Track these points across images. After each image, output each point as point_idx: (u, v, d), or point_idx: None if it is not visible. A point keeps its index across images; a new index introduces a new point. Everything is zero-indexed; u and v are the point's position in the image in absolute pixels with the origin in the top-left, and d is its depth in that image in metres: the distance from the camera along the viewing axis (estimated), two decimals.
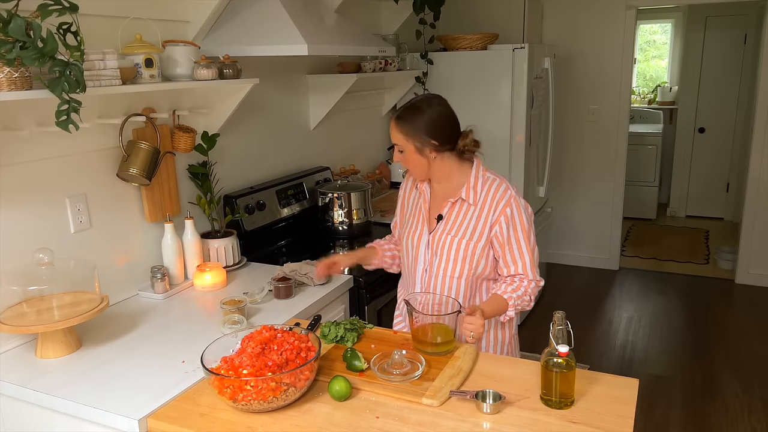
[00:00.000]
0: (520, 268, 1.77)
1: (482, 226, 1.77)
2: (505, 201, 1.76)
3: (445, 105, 1.79)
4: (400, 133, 1.76)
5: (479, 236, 1.77)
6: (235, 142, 2.60)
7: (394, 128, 1.77)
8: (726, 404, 3.09)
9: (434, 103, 1.78)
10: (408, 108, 1.77)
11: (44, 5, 1.42)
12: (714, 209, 6.36)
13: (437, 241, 1.82)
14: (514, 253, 1.77)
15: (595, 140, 4.87)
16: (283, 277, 2.07)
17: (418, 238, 1.87)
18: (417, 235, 1.87)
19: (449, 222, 1.81)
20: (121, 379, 1.54)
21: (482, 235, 1.77)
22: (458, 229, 1.79)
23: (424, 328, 1.63)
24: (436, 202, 1.86)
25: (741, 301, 4.43)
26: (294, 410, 1.38)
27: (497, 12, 4.37)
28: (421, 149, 1.75)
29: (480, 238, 1.77)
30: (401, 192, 2.02)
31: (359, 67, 3.27)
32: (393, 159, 1.86)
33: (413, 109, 1.76)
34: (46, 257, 1.70)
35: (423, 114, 1.75)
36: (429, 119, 1.74)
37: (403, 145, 1.77)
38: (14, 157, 1.71)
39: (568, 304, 4.35)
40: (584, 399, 1.39)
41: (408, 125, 1.75)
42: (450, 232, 1.80)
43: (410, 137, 1.74)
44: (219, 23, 2.33)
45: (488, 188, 1.79)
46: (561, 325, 1.36)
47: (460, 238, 1.79)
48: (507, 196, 1.76)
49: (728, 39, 5.96)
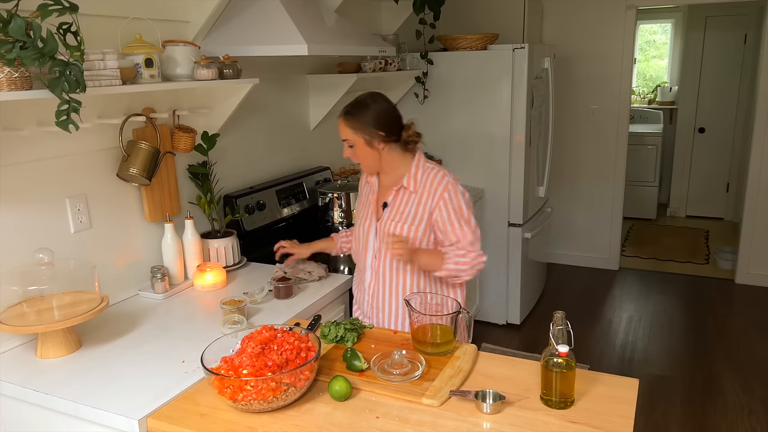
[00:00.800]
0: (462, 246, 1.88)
1: (422, 211, 1.90)
2: (442, 187, 1.89)
3: (387, 101, 1.94)
4: (349, 129, 1.89)
5: (419, 221, 1.91)
6: (235, 142, 2.60)
7: (343, 124, 1.90)
8: (726, 404, 3.09)
9: (378, 99, 1.92)
10: (355, 105, 1.90)
11: (44, 5, 1.42)
12: (714, 209, 6.37)
13: (383, 228, 1.95)
14: (457, 232, 1.89)
15: (595, 140, 4.87)
16: (282, 277, 2.08)
17: (367, 227, 2.00)
18: (366, 224, 2.01)
19: (393, 209, 1.95)
20: (121, 379, 1.54)
21: (422, 220, 1.91)
22: (401, 216, 1.93)
23: (424, 328, 1.63)
24: (383, 192, 2.00)
25: (741, 301, 4.43)
26: (294, 410, 1.38)
27: (497, 12, 4.37)
28: (370, 141, 1.89)
29: (420, 223, 1.91)
30: (359, 187, 2.16)
31: (359, 67, 3.27)
32: (343, 154, 1.95)
33: (360, 105, 1.90)
34: (46, 257, 1.70)
35: (369, 109, 1.89)
36: (375, 113, 1.88)
37: (353, 140, 1.89)
38: (14, 157, 1.71)
39: (568, 304, 4.35)
40: (584, 399, 1.39)
41: (356, 120, 1.88)
42: (394, 218, 1.94)
43: (359, 131, 1.88)
44: (219, 23, 2.33)
45: (427, 176, 1.92)
46: (561, 325, 1.36)
47: (402, 223, 1.92)
48: (444, 182, 1.90)
49: (728, 39, 5.96)
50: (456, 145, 3.87)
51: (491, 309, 4.03)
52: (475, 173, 3.86)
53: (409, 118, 2.02)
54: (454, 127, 3.86)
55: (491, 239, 3.89)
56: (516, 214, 3.81)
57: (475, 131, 3.80)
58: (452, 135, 3.87)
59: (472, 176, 3.87)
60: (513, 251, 3.86)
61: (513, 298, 3.95)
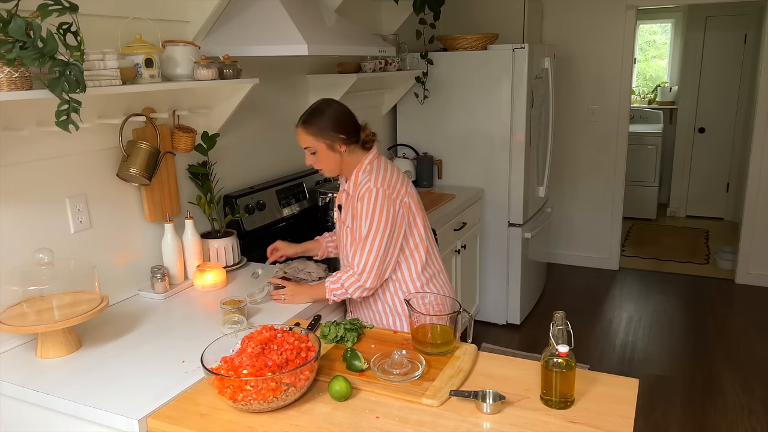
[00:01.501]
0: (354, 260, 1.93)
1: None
2: (363, 190, 1.91)
3: (341, 104, 1.98)
4: (309, 135, 1.92)
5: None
6: (235, 142, 2.60)
7: (303, 133, 1.93)
8: (726, 404, 3.09)
9: (333, 104, 1.96)
10: (311, 113, 1.93)
11: (44, 5, 1.42)
12: (714, 209, 6.37)
13: (339, 231, 2.07)
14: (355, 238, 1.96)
15: (595, 140, 4.87)
16: (282, 277, 2.08)
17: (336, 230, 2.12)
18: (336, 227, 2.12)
19: (344, 212, 2.02)
20: (121, 379, 1.54)
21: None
22: (348, 218, 2.00)
23: (424, 328, 1.63)
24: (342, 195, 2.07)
25: (741, 301, 4.43)
26: (294, 410, 1.38)
27: (497, 12, 4.37)
28: (332, 145, 1.92)
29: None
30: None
31: (359, 67, 3.27)
32: (306, 161, 1.99)
33: (316, 112, 1.93)
34: (46, 257, 1.70)
35: (325, 114, 1.93)
36: (333, 117, 1.92)
37: (315, 146, 1.93)
38: (14, 157, 1.71)
39: (568, 304, 4.35)
40: (584, 399, 1.39)
41: (315, 127, 1.92)
42: (344, 221, 2.02)
43: (320, 137, 1.91)
44: (219, 23, 2.33)
45: (360, 178, 1.95)
46: (561, 325, 1.36)
47: (348, 226, 1.99)
48: (365, 187, 1.91)
49: (728, 39, 5.96)
50: (456, 145, 3.87)
51: (491, 309, 4.03)
52: (475, 173, 3.86)
53: (409, 118, 2.03)
54: (454, 127, 3.86)
55: (491, 239, 3.89)
56: (516, 214, 3.81)
57: (475, 131, 3.80)
58: (452, 135, 3.87)
59: (472, 176, 3.87)
60: (513, 251, 3.86)
61: (513, 298, 3.95)
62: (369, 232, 1.89)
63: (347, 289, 1.92)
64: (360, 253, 1.90)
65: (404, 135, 4.00)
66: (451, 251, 3.38)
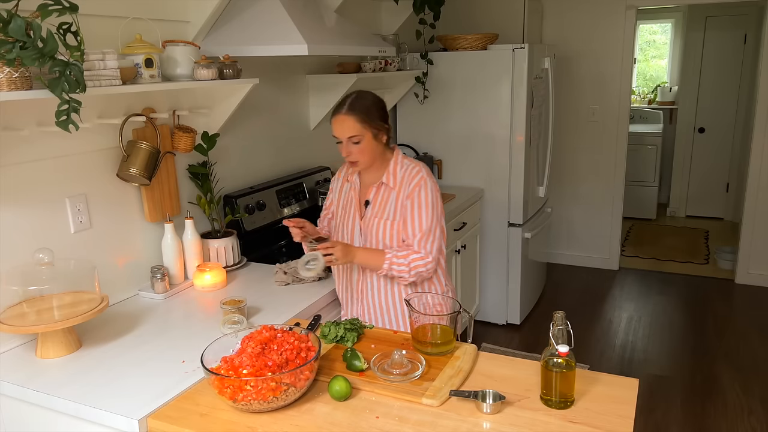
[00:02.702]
0: (414, 243, 1.90)
1: (398, 205, 1.93)
2: (416, 181, 1.91)
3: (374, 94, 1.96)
4: (357, 123, 1.86)
5: (399, 216, 1.93)
6: (235, 142, 2.60)
7: (350, 120, 1.85)
8: (726, 404, 3.09)
9: (369, 93, 1.94)
10: (356, 99, 1.88)
11: (44, 5, 1.42)
12: (714, 209, 6.37)
13: (367, 225, 1.96)
14: (412, 228, 1.90)
15: (595, 140, 4.87)
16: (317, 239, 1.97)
17: (351, 226, 2.01)
18: (350, 223, 2.02)
19: (376, 206, 1.96)
20: (121, 379, 1.54)
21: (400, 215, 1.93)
22: (384, 212, 1.94)
23: (424, 328, 1.63)
24: (364, 189, 2.02)
25: (741, 301, 4.43)
26: (294, 410, 1.38)
27: (497, 12, 4.37)
28: (377, 135, 1.89)
29: (400, 219, 1.92)
30: (333, 186, 2.15)
31: (359, 67, 3.27)
32: (344, 153, 1.91)
33: (360, 99, 1.89)
34: (46, 257, 1.70)
35: (370, 102, 1.89)
36: (378, 106, 1.90)
37: (362, 134, 1.87)
38: (14, 157, 1.71)
39: (568, 304, 4.35)
40: (584, 399, 1.39)
41: (364, 114, 1.86)
42: (377, 215, 1.95)
43: (367, 124, 1.87)
44: (219, 23, 2.33)
45: (405, 172, 1.94)
46: (561, 325, 1.36)
47: (386, 219, 1.93)
48: (418, 177, 1.92)
49: (728, 39, 5.96)
50: (456, 145, 3.87)
51: (491, 309, 4.03)
52: (475, 173, 3.86)
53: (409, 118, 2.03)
54: (454, 127, 3.86)
55: (491, 239, 3.89)
56: (516, 214, 3.81)
57: (475, 131, 3.80)
58: (452, 135, 3.87)
59: (472, 176, 3.87)
60: (513, 251, 3.86)
61: (513, 298, 3.95)
62: (433, 221, 1.90)
63: (411, 270, 1.87)
64: (426, 239, 1.89)
65: (404, 135, 4.00)
66: (451, 251, 3.38)
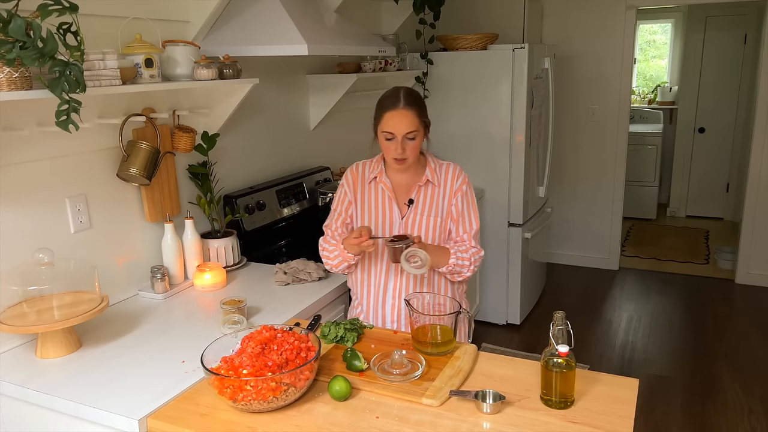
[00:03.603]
0: (466, 238, 1.94)
1: (445, 203, 1.94)
2: (461, 180, 1.96)
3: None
4: (416, 118, 1.81)
5: (446, 212, 1.94)
6: (235, 142, 2.60)
7: (412, 115, 1.80)
8: (726, 404, 3.09)
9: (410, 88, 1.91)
10: (409, 93, 1.85)
11: (44, 5, 1.42)
12: (714, 209, 6.36)
13: (411, 224, 1.93)
14: (465, 224, 1.94)
15: (595, 140, 4.87)
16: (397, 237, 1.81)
17: (390, 226, 1.95)
18: (388, 223, 1.95)
19: (419, 204, 1.94)
20: (121, 379, 1.54)
21: (446, 212, 1.94)
22: (429, 209, 1.93)
23: (424, 328, 1.63)
24: (400, 189, 1.97)
25: (741, 301, 4.43)
26: (294, 410, 1.38)
27: (497, 12, 4.37)
28: (426, 130, 1.88)
29: (446, 214, 1.94)
30: (344, 189, 2.00)
31: (359, 67, 3.27)
32: (395, 150, 1.81)
33: (413, 93, 1.86)
34: (46, 257, 1.70)
35: (420, 95, 1.88)
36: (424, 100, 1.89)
37: (418, 130, 1.83)
38: (14, 157, 1.71)
39: (568, 304, 4.35)
40: (584, 399, 1.39)
41: (421, 108, 1.84)
42: (423, 213, 1.93)
43: (422, 120, 1.84)
44: (219, 23, 2.33)
45: (445, 170, 1.97)
46: (561, 325, 1.36)
47: (433, 216, 1.93)
48: (462, 175, 1.97)
49: (728, 39, 5.95)
50: (456, 145, 3.87)
51: (491, 309, 4.03)
52: (475, 173, 3.85)
53: None
54: (454, 127, 3.85)
55: (491, 239, 3.89)
56: (516, 214, 3.81)
57: (475, 131, 3.80)
58: (452, 135, 3.87)
59: (472, 176, 3.80)
60: (513, 251, 3.86)
61: (513, 298, 3.95)
62: (478, 217, 1.97)
63: (471, 264, 1.90)
64: (477, 234, 1.95)
65: None
66: None
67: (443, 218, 1.93)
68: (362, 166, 2.03)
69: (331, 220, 2.02)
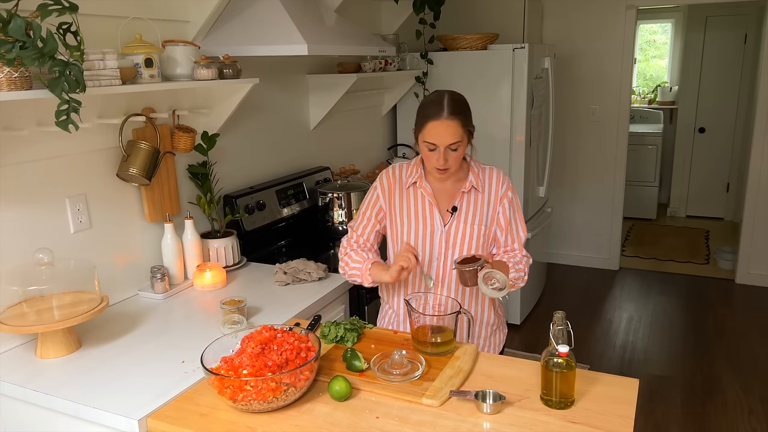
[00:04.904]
0: (516, 246, 1.92)
1: (490, 209, 1.87)
2: (506, 185, 1.89)
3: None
4: (461, 128, 1.73)
5: (489, 219, 1.88)
6: (235, 142, 2.60)
7: (453, 126, 1.71)
8: (726, 404, 3.09)
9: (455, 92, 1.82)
10: (453, 101, 1.75)
11: (44, 5, 1.42)
12: (714, 209, 6.36)
13: (453, 232, 1.86)
14: (513, 233, 1.91)
15: (595, 140, 4.87)
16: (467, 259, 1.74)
17: (431, 234, 1.86)
18: (429, 231, 1.86)
19: (462, 211, 1.86)
20: (121, 379, 1.54)
21: (491, 220, 1.88)
22: (473, 216, 1.86)
23: (424, 328, 1.63)
24: (442, 196, 1.88)
25: (741, 301, 4.43)
26: (294, 410, 1.38)
27: (497, 12, 4.37)
28: (470, 138, 1.81)
29: (490, 222, 1.88)
30: (377, 194, 1.91)
31: (359, 67, 3.27)
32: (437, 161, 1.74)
33: (457, 99, 1.77)
34: (46, 257, 1.70)
35: (465, 101, 1.79)
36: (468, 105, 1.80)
37: (462, 140, 1.75)
38: (14, 157, 1.71)
39: (568, 304, 4.35)
40: (584, 399, 1.39)
41: (465, 117, 1.76)
42: (466, 220, 1.86)
43: (467, 129, 1.77)
44: (219, 23, 2.33)
45: (488, 175, 1.90)
46: (561, 325, 1.36)
47: (477, 224, 1.86)
48: (507, 181, 1.91)
49: (728, 39, 5.96)
50: None
51: None
52: None
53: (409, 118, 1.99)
54: None
55: None
56: None
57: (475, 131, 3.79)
58: None
59: None
60: None
61: (513, 298, 3.95)
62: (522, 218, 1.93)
63: (526, 274, 1.90)
64: (521, 237, 1.93)
65: (404, 135, 3.99)
66: None
67: (487, 226, 1.86)
68: (399, 169, 1.91)
69: (358, 224, 1.94)
